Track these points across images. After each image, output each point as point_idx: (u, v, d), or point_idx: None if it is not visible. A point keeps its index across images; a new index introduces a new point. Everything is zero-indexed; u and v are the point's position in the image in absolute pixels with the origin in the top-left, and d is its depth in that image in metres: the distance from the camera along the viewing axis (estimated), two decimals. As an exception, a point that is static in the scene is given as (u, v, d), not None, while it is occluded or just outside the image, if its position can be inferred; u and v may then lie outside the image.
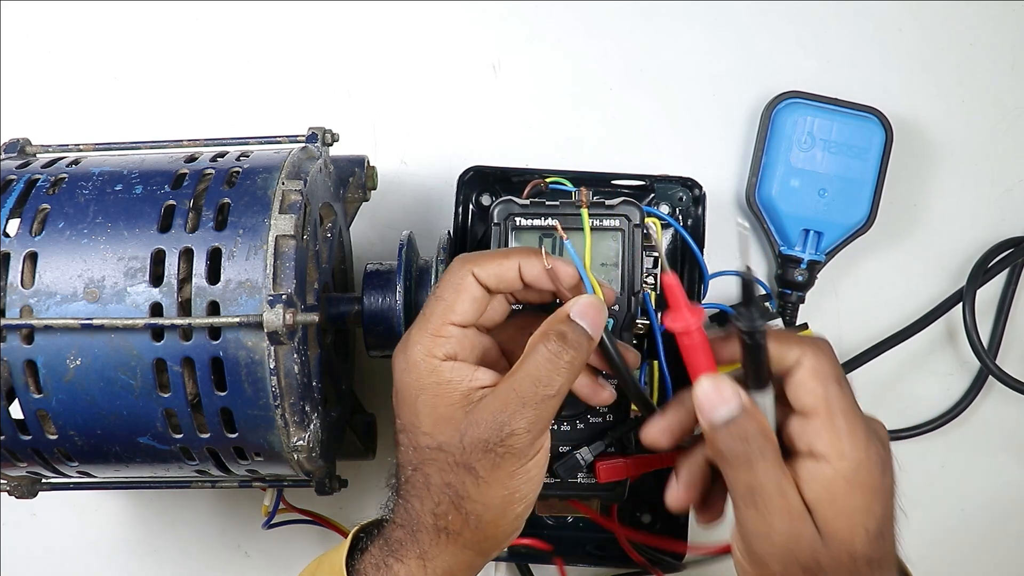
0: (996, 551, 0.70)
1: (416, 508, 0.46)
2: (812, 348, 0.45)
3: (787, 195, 0.66)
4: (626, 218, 0.54)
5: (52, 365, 0.48)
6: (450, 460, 0.45)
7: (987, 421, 0.69)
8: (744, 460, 0.43)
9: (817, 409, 0.44)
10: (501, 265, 0.46)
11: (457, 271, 0.46)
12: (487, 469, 0.44)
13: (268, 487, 0.60)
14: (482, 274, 0.46)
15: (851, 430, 0.43)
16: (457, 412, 0.45)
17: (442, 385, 0.45)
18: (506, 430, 0.44)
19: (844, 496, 0.43)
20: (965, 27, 0.69)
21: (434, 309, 0.46)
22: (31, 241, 0.49)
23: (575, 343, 0.45)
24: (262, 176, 0.51)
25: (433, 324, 0.46)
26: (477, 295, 0.46)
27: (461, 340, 0.46)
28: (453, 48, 0.69)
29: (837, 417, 0.43)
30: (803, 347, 0.45)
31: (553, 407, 0.45)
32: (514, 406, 0.44)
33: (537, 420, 0.44)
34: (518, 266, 0.47)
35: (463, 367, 0.46)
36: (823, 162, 0.65)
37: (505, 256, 0.47)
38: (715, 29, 0.69)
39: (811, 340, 0.46)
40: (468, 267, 0.46)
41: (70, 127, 0.66)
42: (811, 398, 0.44)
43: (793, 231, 0.66)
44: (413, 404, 0.46)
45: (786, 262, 0.66)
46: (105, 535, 0.69)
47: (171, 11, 0.69)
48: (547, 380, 0.44)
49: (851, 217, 0.66)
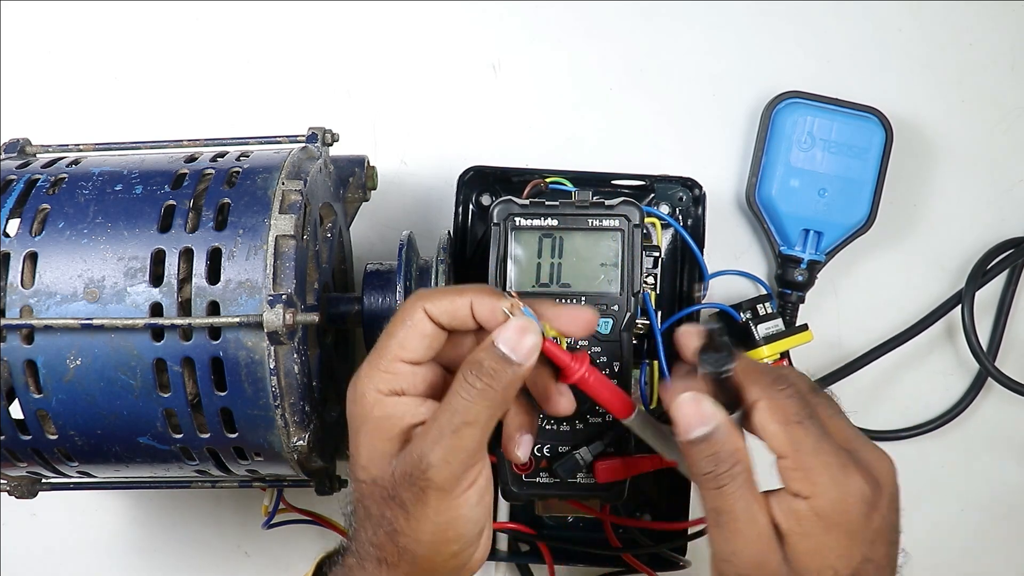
0: (996, 551, 0.70)
1: (361, 538, 0.46)
2: (770, 388, 0.43)
3: (787, 195, 0.66)
4: (626, 218, 0.54)
5: (52, 365, 0.48)
6: (383, 494, 0.44)
7: (987, 421, 0.69)
8: (713, 481, 0.43)
9: (783, 451, 0.43)
10: (453, 302, 0.45)
11: (410, 307, 0.45)
12: (413, 503, 0.43)
13: (268, 487, 0.60)
14: (434, 310, 0.45)
15: (824, 467, 0.42)
16: (393, 447, 0.44)
17: (383, 420, 0.44)
18: (424, 463, 0.43)
19: (817, 533, 0.42)
20: (965, 27, 0.69)
21: (385, 344, 0.45)
22: (31, 241, 0.49)
23: (491, 370, 0.43)
24: (262, 176, 0.51)
25: (383, 360, 0.45)
26: (428, 331, 0.45)
27: (410, 376, 0.45)
28: (453, 48, 0.69)
29: (804, 457, 0.42)
30: (761, 387, 0.44)
31: (472, 437, 0.43)
32: (433, 437, 0.43)
33: (454, 451, 0.43)
34: (470, 304, 0.45)
35: (408, 402, 0.45)
36: (823, 162, 0.65)
37: (459, 293, 0.45)
38: (715, 29, 0.69)
39: (773, 377, 0.44)
40: (420, 303, 0.45)
41: (70, 127, 0.65)
42: (774, 441, 0.43)
43: (793, 231, 0.66)
44: (355, 437, 0.45)
45: (786, 262, 0.66)
46: (105, 535, 0.69)
47: (171, 11, 0.69)
48: (462, 409, 0.43)
49: (851, 217, 0.66)
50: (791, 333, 0.64)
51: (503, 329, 0.44)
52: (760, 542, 0.42)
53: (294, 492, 0.61)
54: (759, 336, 0.64)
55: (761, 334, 0.64)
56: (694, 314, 0.64)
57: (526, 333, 0.44)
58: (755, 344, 0.63)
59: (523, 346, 0.44)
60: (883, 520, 0.43)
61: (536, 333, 0.45)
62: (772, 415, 0.43)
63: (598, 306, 0.54)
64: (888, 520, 0.43)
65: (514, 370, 0.44)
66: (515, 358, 0.44)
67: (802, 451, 0.42)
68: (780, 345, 0.64)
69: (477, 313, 0.45)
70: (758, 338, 0.64)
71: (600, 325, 0.54)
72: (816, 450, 0.42)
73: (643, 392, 0.60)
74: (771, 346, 0.63)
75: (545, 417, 0.55)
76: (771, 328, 0.64)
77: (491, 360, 0.44)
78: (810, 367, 0.68)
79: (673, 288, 0.65)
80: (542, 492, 0.55)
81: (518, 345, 0.44)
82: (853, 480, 0.42)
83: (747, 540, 0.43)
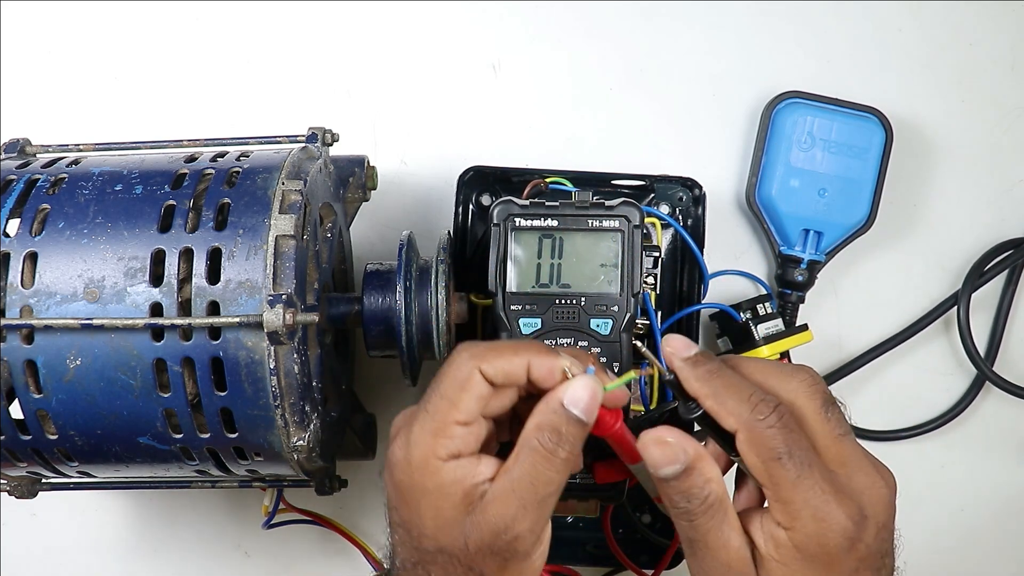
0: (996, 551, 0.70)
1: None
2: (749, 419, 0.43)
3: (787, 195, 0.66)
4: (626, 219, 0.54)
5: (52, 365, 0.48)
6: (455, 562, 0.43)
7: (987, 421, 0.69)
8: (685, 515, 0.43)
9: (763, 482, 0.43)
10: (510, 362, 0.44)
11: (462, 366, 0.44)
12: (494, 571, 0.43)
13: (268, 487, 0.60)
14: (489, 371, 0.43)
15: (803, 503, 0.42)
16: (459, 514, 0.43)
17: (445, 487, 0.43)
18: (510, 534, 0.42)
19: (794, 563, 0.42)
20: (965, 27, 0.69)
21: (437, 407, 0.43)
22: (31, 241, 0.49)
23: (570, 436, 0.43)
24: (262, 176, 0.51)
25: (436, 423, 0.43)
26: (483, 393, 0.44)
27: (465, 437, 0.44)
28: (453, 48, 0.69)
29: (784, 492, 0.42)
30: (742, 412, 0.43)
31: (553, 503, 0.44)
32: (515, 509, 0.42)
33: (539, 519, 0.43)
34: (527, 365, 0.44)
35: (466, 464, 0.43)
36: (823, 162, 0.65)
37: (514, 352, 0.44)
38: (715, 29, 0.69)
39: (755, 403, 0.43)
40: (474, 363, 0.43)
41: (70, 127, 0.66)
42: (753, 472, 0.43)
43: (793, 231, 0.66)
44: (415, 505, 0.44)
45: (786, 262, 0.66)
46: (105, 535, 0.69)
47: (171, 11, 0.69)
48: (545, 480, 0.43)
49: (851, 217, 0.66)
50: (791, 333, 0.64)
51: (573, 390, 0.43)
52: (732, 568, 0.43)
53: (294, 492, 0.61)
54: (759, 336, 0.64)
55: (761, 334, 0.64)
56: (694, 314, 0.64)
57: (591, 391, 0.43)
58: (755, 344, 0.64)
59: (592, 406, 0.43)
60: (867, 549, 0.42)
61: (599, 388, 0.44)
62: (751, 448, 0.43)
63: (598, 306, 0.54)
64: (873, 548, 0.43)
65: (586, 430, 0.44)
66: (586, 419, 0.43)
67: (782, 486, 0.42)
68: (780, 345, 0.64)
69: (534, 374, 0.44)
70: (758, 338, 0.64)
71: (600, 326, 0.54)
72: (795, 485, 0.42)
73: (643, 392, 0.60)
74: (771, 346, 0.63)
75: None
76: (771, 328, 0.64)
77: (567, 424, 0.43)
78: (811, 366, 0.68)
79: (673, 288, 0.65)
80: None
81: (588, 406, 0.43)
82: (834, 514, 0.42)
83: (720, 566, 0.43)
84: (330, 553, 0.68)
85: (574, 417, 0.43)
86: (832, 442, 0.44)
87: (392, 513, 0.46)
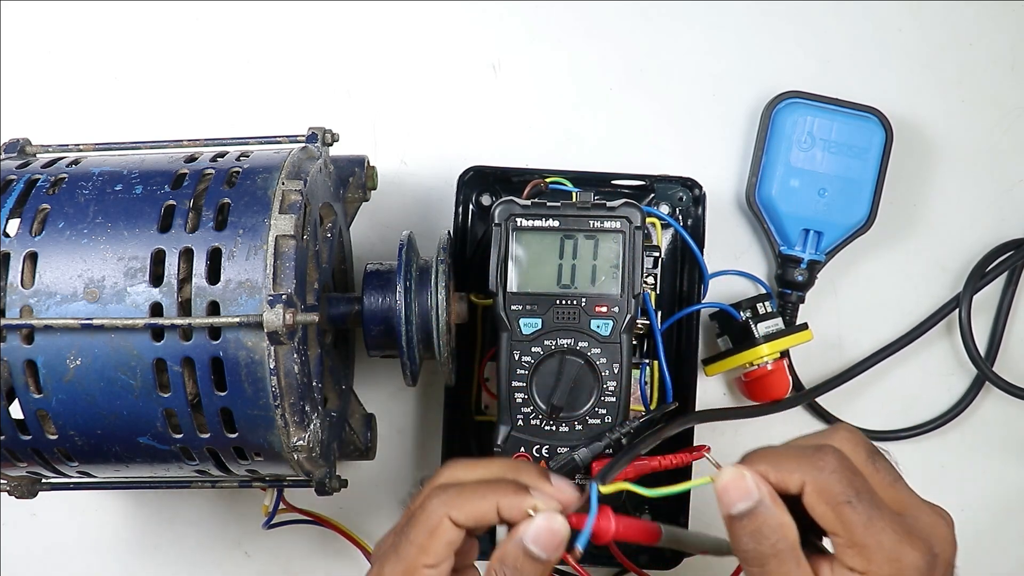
0: (996, 551, 0.70)
1: None
2: (813, 468, 0.42)
3: (787, 195, 0.66)
4: (627, 220, 0.54)
5: (52, 365, 0.48)
6: None
7: (987, 422, 0.69)
8: (756, 559, 0.43)
9: (834, 530, 0.42)
10: (478, 508, 0.45)
11: (432, 513, 0.45)
12: None
13: (268, 487, 0.60)
14: (459, 517, 0.45)
15: (877, 545, 0.42)
16: None
17: None
18: None
19: None
20: (965, 27, 0.69)
21: (407, 552, 0.45)
22: (31, 241, 0.49)
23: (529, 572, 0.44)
24: (262, 176, 0.51)
25: (405, 566, 0.45)
26: (452, 538, 0.45)
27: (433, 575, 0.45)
28: (453, 48, 0.69)
29: (856, 536, 0.42)
30: (803, 468, 0.43)
31: None
32: None
33: None
34: (496, 507, 0.45)
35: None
36: (823, 162, 0.65)
37: (481, 496, 0.45)
38: (715, 29, 0.69)
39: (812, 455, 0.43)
40: (444, 510, 0.45)
41: (70, 127, 0.66)
42: (824, 521, 0.42)
43: (793, 231, 0.66)
44: None
45: (786, 262, 0.66)
46: (105, 535, 0.69)
47: (171, 11, 0.69)
48: None
49: (851, 217, 0.66)
50: (791, 332, 0.64)
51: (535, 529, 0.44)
52: None
53: (294, 492, 0.61)
54: (759, 334, 0.64)
55: (761, 332, 0.64)
56: (694, 314, 0.64)
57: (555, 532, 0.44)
58: (755, 342, 0.63)
59: (552, 543, 0.44)
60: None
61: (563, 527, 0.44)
62: (819, 497, 0.42)
63: (598, 307, 0.54)
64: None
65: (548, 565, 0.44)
66: (546, 556, 0.44)
67: (854, 530, 0.42)
68: (779, 344, 0.64)
69: (504, 515, 0.45)
70: (758, 336, 0.64)
71: (600, 327, 0.54)
72: (868, 527, 0.42)
73: (643, 392, 0.60)
74: (771, 344, 0.63)
75: (544, 417, 0.55)
76: (771, 327, 0.64)
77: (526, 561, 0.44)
78: (810, 367, 0.68)
79: (673, 288, 0.65)
80: None
81: (548, 544, 0.44)
82: (908, 554, 0.42)
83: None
84: (330, 553, 0.68)
85: (533, 554, 0.44)
86: (886, 489, 0.44)
87: None
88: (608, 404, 0.55)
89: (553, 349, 0.54)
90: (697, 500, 0.64)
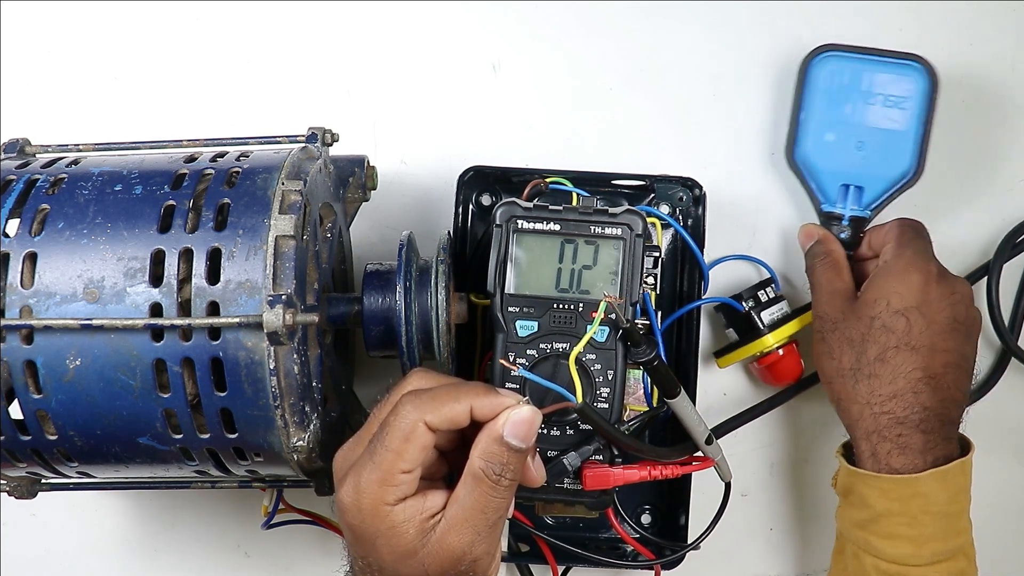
0: (997, 551, 0.70)
1: None
2: (894, 235, 0.60)
3: (823, 150, 0.64)
4: (628, 227, 0.54)
5: (52, 365, 0.48)
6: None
7: (989, 421, 0.69)
8: (812, 259, 0.63)
9: (886, 243, 0.60)
10: (452, 409, 0.47)
11: (406, 417, 0.46)
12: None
13: (268, 487, 0.60)
14: (433, 420, 0.46)
15: (898, 249, 0.59)
16: (415, 546, 0.46)
17: (397, 527, 0.46)
18: (469, 558, 0.46)
19: (879, 275, 0.59)
20: (965, 27, 0.69)
21: (384, 458, 0.46)
22: (31, 241, 0.49)
23: (512, 466, 0.47)
24: (262, 176, 0.51)
25: (382, 472, 0.46)
26: (427, 443, 0.46)
27: (410, 481, 0.47)
28: (453, 48, 0.69)
29: (892, 246, 0.60)
30: (887, 238, 0.61)
31: (503, 524, 0.48)
32: (470, 536, 0.46)
33: (492, 541, 0.48)
34: (469, 408, 0.47)
35: (413, 503, 0.47)
36: (859, 114, 0.63)
37: (455, 399, 0.47)
38: (715, 29, 0.69)
39: (895, 231, 0.60)
40: (418, 414, 0.46)
41: (70, 127, 0.65)
42: (885, 245, 0.61)
43: (831, 187, 0.64)
44: (371, 544, 0.47)
45: (828, 220, 0.65)
46: (105, 535, 0.69)
47: (171, 11, 0.69)
48: (494, 506, 0.47)
49: (893, 169, 0.64)
50: (797, 315, 0.63)
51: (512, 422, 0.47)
52: (842, 278, 0.61)
53: (294, 492, 0.61)
54: (763, 324, 0.63)
55: (766, 321, 0.63)
56: (694, 312, 0.64)
57: (528, 420, 0.47)
58: (760, 332, 0.63)
59: (530, 434, 0.47)
60: (938, 296, 0.57)
61: (537, 416, 0.47)
62: (892, 239, 0.60)
63: (595, 313, 0.54)
64: (942, 309, 0.57)
65: (524, 457, 0.48)
66: (525, 446, 0.47)
67: (892, 244, 0.60)
68: (786, 329, 0.63)
69: (477, 414, 0.47)
70: (762, 327, 0.63)
71: (596, 332, 0.54)
72: (902, 247, 0.59)
73: (646, 392, 0.60)
74: (775, 333, 0.63)
75: None
76: (776, 313, 0.63)
77: (511, 457, 0.47)
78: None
79: (673, 288, 0.65)
80: (528, 495, 0.54)
81: (526, 434, 0.47)
82: (913, 259, 0.59)
83: (837, 278, 0.61)
84: (330, 553, 0.68)
85: (513, 446, 0.47)
86: None
87: (350, 548, 0.49)
88: (600, 410, 0.54)
89: (548, 352, 0.54)
90: (697, 498, 0.64)
